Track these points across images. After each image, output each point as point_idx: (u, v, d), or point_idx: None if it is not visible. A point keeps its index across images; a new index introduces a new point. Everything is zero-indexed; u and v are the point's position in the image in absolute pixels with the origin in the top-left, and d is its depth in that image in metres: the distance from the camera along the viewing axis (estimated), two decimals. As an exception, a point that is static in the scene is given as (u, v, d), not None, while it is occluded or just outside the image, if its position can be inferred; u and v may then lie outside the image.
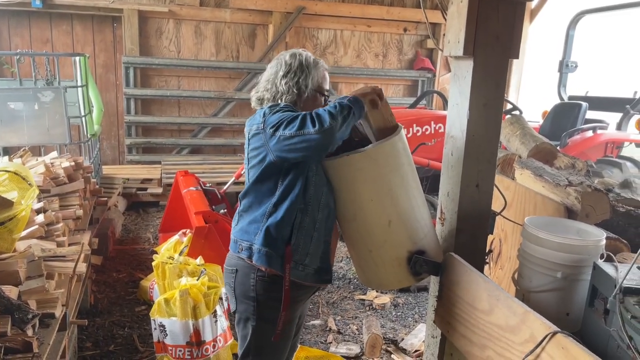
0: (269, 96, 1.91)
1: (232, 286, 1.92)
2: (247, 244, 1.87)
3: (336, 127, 1.70)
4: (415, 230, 1.87)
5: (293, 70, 1.88)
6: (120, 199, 5.74)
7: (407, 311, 3.79)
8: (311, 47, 7.80)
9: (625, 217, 2.60)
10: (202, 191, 4.04)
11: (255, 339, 1.91)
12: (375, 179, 1.81)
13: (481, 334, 1.67)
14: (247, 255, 1.87)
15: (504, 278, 2.65)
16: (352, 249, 2.01)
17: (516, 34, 1.91)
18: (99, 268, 4.05)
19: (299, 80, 1.88)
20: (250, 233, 1.87)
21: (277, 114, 1.77)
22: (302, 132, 1.68)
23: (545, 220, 2.07)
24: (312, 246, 1.89)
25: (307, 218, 1.86)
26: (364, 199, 1.83)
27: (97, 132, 5.55)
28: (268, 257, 1.82)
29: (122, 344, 3.12)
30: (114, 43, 6.99)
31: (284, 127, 1.71)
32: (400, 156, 1.84)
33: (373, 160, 1.79)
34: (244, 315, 1.92)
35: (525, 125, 3.45)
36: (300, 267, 1.88)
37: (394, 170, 1.82)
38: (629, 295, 1.47)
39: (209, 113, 7.46)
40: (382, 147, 1.80)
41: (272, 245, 1.83)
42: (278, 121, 1.74)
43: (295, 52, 1.94)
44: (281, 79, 1.88)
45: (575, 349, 1.28)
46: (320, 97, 1.97)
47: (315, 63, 1.94)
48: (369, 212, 1.84)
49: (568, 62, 6.46)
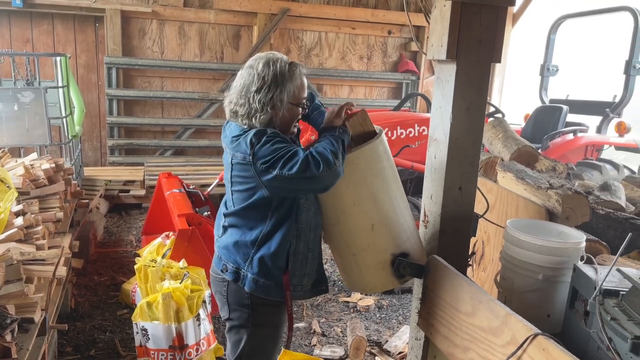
0: (243, 112, 1.78)
1: (224, 295, 1.90)
2: (233, 267, 1.85)
3: (340, 165, 1.68)
4: (398, 233, 1.88)
5: (267, 84, 1.74)
6: (102, 201, 5.67)
7: (391, 313, 3.80)
8: (296, 48, 7.80)
9: (605, 220, 2.64)
10: (185, 193, 4.00)
11: (249, 345, 1.91)
12: (357, 183, 1.81)
13: (464, 336, 1.68)
14: (233, 279, 1.85)
15: (487, 280, 2.67)
16: (336, 253, 2.01)
17: (498, 39, 1.93)
18: (80, 271, 3.99)
19: (273, 97, 1.75)
20: (238, 256, 1.85)
21: (267, 147, 1.67)
22: (305, 174, 1.61)
23: (527, 222, 2.09)
24: (308, 267, 1.90)
25: (301, 243, 1.85)
26: (346, 203, 1.83)
27: (78, 133, 5.47)
28: (266, 288, 1.83)
29: (104, 349, 3.08)
30: (96, 43, 6.90)
31: (282, 165, 1.63)
32: (381, 160, 1.84)
33: (354, 165, 1.79)
34: (237, 322, 1.91)
35: (507, 128, 3.49)
36: (298, 288, 1.89)
37: (376, 174, 1.82)
38: (608, 297, 1.50)
39: (193, 114, 7.40)
40: (363, 151, 1.79)
41: (268, 276, 1.82)
42: (272, 157, 1.65)
43: (269, 59, 1.79)
44: (254, 94, 1.75)
45: (556, 351, 1.29)
46: (298, 109, 1.87)
47: (291, 73, 1.79)
48: (352, 216, 1.84)
49: (549, 65, 6.55)
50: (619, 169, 5.28)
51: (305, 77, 1.89)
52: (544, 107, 6.29)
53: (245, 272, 1.82)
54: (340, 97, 8.15)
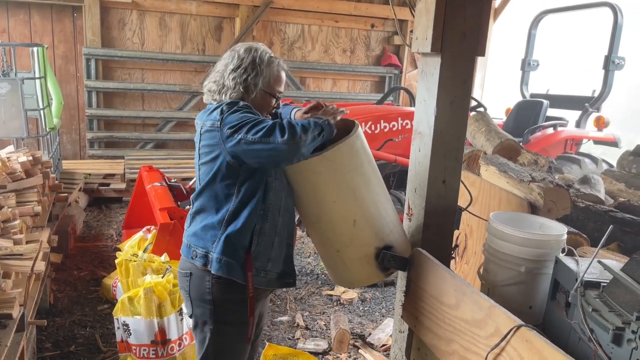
0: (215, 88, 1.82)
1: (187, 290, 1.87)
2: (203, 251, 1.81)
3: (305, 142, 1.65)
4: (381, 227, 1.87)
5: (244, 66, 1.78)
6: (82, 194, 5.58)
7: (374, 306, 3.82)
8: (279, 41, 7.75)
9: (585, 212, 2.68)
10: (167, 187, 3.95)
11: (213, 343, 1.86)
12: (336, 180, 1.79)
13: (448, 328, 1.69)
14: (203, 263, 1.81)
15: (470, 272, 2.69)
16: (320, 249, 2.00)
17: (482, 32, 1.93)
18: (59, 266, 3.92)
19: (247, 78, 1.78)
20: (206, 240, 1.81)
21: (237, 114, 1.68)
22: (267, 139, 1.61)
23: (510, 215, 2.11)
24: (273, 252, 1.86)
25: (267, 224, 1.81)
26: (326, 201, 1.82)
27: (56, 125, 5.36)
28: (228, 266, 1.78)
29: (84, 344, 3.03)
30: (74, 34, 6.76)
31: (247, 130, 1.63)
32: (359, 155, 1.82)
33: (331, 163, 1.76)
34: (200, 319, 1.87)
35: (490, 122, 3.51)
36: (262, 273, 1.85)
37: (354, 170, 1.80)
38: (589, 289, 1.51)
39: (174, 107, 7.32)
40: (339, 148, 1.76)
41: (233, 255, 1.78)
42: (238, 122, 1.66)
43: (252, 46, 1.83)
44: (230, 72, 1.79)
45: (539, 342, 1.30)
46: (271, 99, 1.87)
47: (269, 62, 1.82)
48: (333, 213, 1.83)
49: (530, 60, 6.60)
50: (597, 163, 5.36)
51: (285, 73, 1.89)
52: (525, 102, 6.36)
53: (212, 253, 1.79)
54: (323, 90, 8.13)
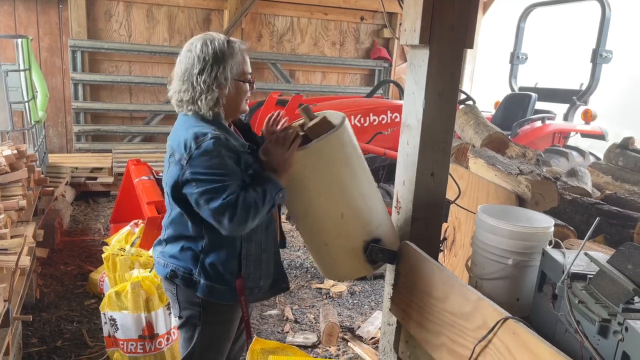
0: (188, 97, 1.71)
1: (175, 293, 1.84)
2: (183, 272, 1.77)
3: (250, 226, 1.65)
4: (368, 220, 1.86)
5: (209, 64, 1.67)
6: (69, 188, 5.51)
7: (363, 299, 3.82)
8: (268, 33, 7.69)
9: (572, 205, 2.70)
10: (154, 180, 3.93)
11: (201, 342, 1.86)
12: (323, 173, 1.76)
13: (436, 321, 1.69)
14: (185, 284, 1.77)
15: (458, 265, 2.70)
16: (309, 243, 1.99)
17: (471, 24, 1.92)
18: (45, 261, 3.88)
19: (217, 75, 1.68)
20: (187, 261, 1.77)
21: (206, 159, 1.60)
22: (216, 216, 1.59)
23: (497, 208, 2.11)
24: (263, 268, 1.84)
25: (252, 245, 1.79)
26: (313, 194, 1.80)
27: (41, 118, 5.29)
28: (220, 293, 1.77)
29: (71, 339, 3.00)
30: (60, 25, 6.65)
31: (204, 192, 1.59)
32: (345, 148, 1.79)
33: (317, 156, 1.74)
34: (189, 320, 1.86)
35: (479, 115, 3.52)
36: (255, 290, 1.84)
37: (341, 163, 1.78)
38: (576, 281, 1.52)
39: (162, 100, 7.24)
40: (326, 141, 1.72)
41: (222, 281, 1.76)
42: (203, 177, 1.60)
43: (206, 39, 1.72)
44: (197, 76, 1.67)
45: (526, 334, 1.31)
46: (245, 85, 1.77)
47: (230, 50, 1.72)
48: (320, 207, 1.81)
49: (519, 53, 6.63)
50: (585, 156, 5.41)
51: (246, 52, 1.79)
52: (514, 95, 6.39)
53: (198, 278, 1.75)
54: (312, 83, 8.10)
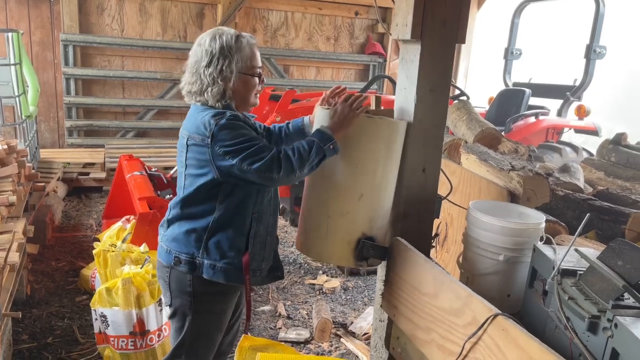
0: (196, 89, 1.77)
1: (167, 281, 1.86)
2: (187, 257, 1.79)
3: (300, 175, 1.70)
4: (377, 215, 1.90)
5: (215, 57, 1.72)
6: (61, 184, 5.47)
7: (356, 295, 3.82)
8: (262, 28, 7.66)
9: (564, 201, 2.70)
10: (147, 176, 3.90)
11: (191, 332, 1.87)
12: (371, 149, 1.83)
13: (426, 317, 1.68)
14: (188, 269, 1.79)
15: (450, 261, 2.69)
16: (310, 209, 1.97)
17: (463, 19, 1.91)
18: (36, 257, 3.86)
19: (222, 69, 1.73)
20: (190, 245, 1.79)
21: (229, 131, 1.65)
22: (262, 173, 1.64)
23: (489, 204, 2.11)
24: (266, 251, 1.88)
25: (261, 226, 1.84)
26: (351, 161, 1.83)
27: (33, 113, 5.24)
28: (225, 273, 1.78)
29: (61, 336, 2.99)
30: (52, 19, 6.59)
31: (242, 158, 1.63)
32: (398, 141, 1.90)
33: (378, 132, 1.83)
34: (180, 309, 1.87)
35: (471, 111, 3.51)
36: (257, 273, 1.87)
37: (389, 150, 1.86)
38: (566, 277, 1.51)
39: (156, 95, 7.21)
40: (392, 123, 1.87)
41: (227, 260, 1.78)
42: (234, 145, 1.64)
43: (215, 33, 1.77)
44: (204, 69, 1.73)
45: (515, 331, 1.30)
46: (252, 79, 1.81)
47: (238, 44, 1.75)
48: (348, 177, 1.84)
49: (513, 49, 6.62)
50: (578, 152, 5.42)
51: (256, 47, 1.83)
52: (507, 90, 6.38)
53: (201, 259, 1.78)
54: (307, 78, 8.07)
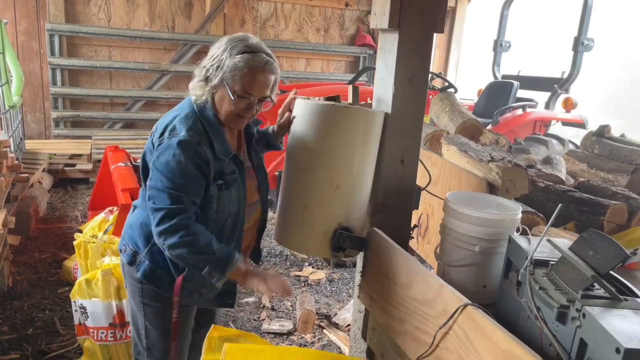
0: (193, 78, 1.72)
1: (122, 264, 1.84)
2: (132, 250, 1.75)
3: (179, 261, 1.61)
4: (354, 206, 1.89)
5: (212, 57, 1.65)
6: (46, 175, 5.43)
7: (341, 286, 3.82)
8: (251, 19, 7.60)
9: (544, 192, 2.70)
10: (131, 167, 3.87)
11: (145, 320, 1.83)
12: (348, 140, 1.82)
13: (400, 308, 1.68)
14: (129, 261, 1.76)
15: (431, 252, 2.70)
16: (287, 200, 1.95)
17: (441, 8, 1.90)
18: (19, 248, 3.83)
19: (209, 68, 1.63)
20: (140, 239, 1.74)
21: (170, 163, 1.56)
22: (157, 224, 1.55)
23: (467, 195, 2.10)
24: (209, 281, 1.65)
25: None
26: (327, 152, 1.82)
27: (16, 103, 5.18)
28: (158, 279, 1.72)
29: (42, 327, 2.97)
30: (37, 9, 6.51)
31: (156, 200, 1.56)
32: (376, 132, 1.90)
33: (355, 121, 1.81)
34: (133, 294, 1.83)
35: (454, 102, 3.50)
36: (196, 295, 1.77)
37: (366, 141, 1.85)
38: (538, 267, 1.52)
39: (143, 86, 7.15)
40: (369, 113, 1.86)
41: (165, 269, 1.71)
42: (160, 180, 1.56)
43: (236, 37, 1.64)
44: (204, 59, 1.68)
45: (483, 320, 1.31)
46: (230, 97, 1.61)
47: (238, 53, 1.58)
48: (325, 167, 1.83)
49: (502, 41, 6.62)
50: (564, 144, 5.43)
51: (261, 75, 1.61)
52: (496, 83, 6.38)
53: (143, 258, 1.72)
54: (297, 70, 8.04)
